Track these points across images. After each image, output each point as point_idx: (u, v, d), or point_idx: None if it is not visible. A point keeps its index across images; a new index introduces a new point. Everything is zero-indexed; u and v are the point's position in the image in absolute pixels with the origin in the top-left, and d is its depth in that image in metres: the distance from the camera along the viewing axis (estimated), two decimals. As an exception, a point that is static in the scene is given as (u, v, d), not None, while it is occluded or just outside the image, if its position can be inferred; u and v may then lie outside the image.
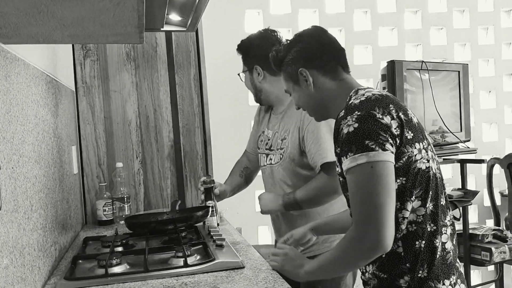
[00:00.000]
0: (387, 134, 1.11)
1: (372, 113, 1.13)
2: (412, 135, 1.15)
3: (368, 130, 1.11)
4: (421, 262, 1.16)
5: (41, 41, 1.12)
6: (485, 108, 3.51)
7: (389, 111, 1.14)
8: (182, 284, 1.33)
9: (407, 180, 1.15)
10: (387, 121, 1.12)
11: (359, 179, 1.12)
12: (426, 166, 1.17)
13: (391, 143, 1.11)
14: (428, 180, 1.17)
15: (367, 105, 1.15)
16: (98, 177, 2.28)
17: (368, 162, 1.09)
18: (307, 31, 1.38)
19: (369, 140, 1.10)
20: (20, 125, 1.25)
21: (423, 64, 2.60)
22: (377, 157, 1.09)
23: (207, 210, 1.83)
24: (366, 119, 1.12)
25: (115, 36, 1.10)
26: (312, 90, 1.33)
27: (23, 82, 1.32)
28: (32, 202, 1.32)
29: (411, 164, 1.14)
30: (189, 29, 1.92)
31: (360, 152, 1.10)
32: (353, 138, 1.12)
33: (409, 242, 1.16)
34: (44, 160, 1.50)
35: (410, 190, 1.15)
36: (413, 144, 1.15)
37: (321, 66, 1.32)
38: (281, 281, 1.31)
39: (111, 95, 2.29)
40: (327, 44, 1.34)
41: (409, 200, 1.15)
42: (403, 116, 1.15)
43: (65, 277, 1.39)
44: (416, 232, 1.16)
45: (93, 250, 1.72)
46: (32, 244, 1.29)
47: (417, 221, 1.16)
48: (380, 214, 1.09)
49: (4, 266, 1.05)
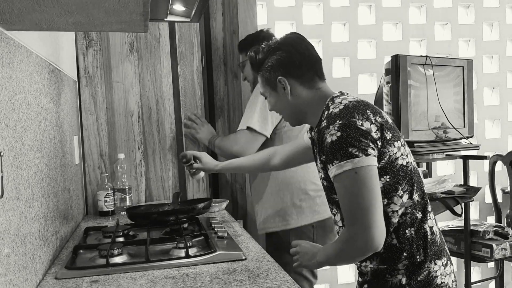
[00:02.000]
0: (368, 140, 1.19)
1: (353, 121, 1.20)
2: (390, 135, 1.24)
3: (350, 138, 1.18)
4: (417, 248, 1.25)
5: (44, 28, 1.11)
6: (488, 105, 3.49)
7: (367, 116, 1.22)
8: (183, 275, 1.32)
9: (391, 177, 1.23)
10: (367, 127, 1.20)
11: (345, 184, 1.20)
12: (406, 162, 1.26)
13: (373, 147, 1.19)
14: (410, 174, 1.26)
15: (347, 113, 1.22)
16: (100, 168, 2.27)
17: (352, 169, 1.17)
18: (288, 40, 1.39)
19: (352, 147, 1.17)
20: (22, 113, 1.24)
21: (427, 59, 2.58)
22: (360, 163, 1.17)
23: (209, 202, 1.83)
24: (347, 128, 1.19)
25: (119, 24, 1.09)
26: (290, 98, 1.37)
27: (26, 69, 1.31)
28: (34, 190, 1.31)
29: (393, 162, 1.23)
30: (193, 20, 1.91)
31: (345, 159, 1.18)
32: (337, 146, 1.19)
33: (401, 232, 1.25)
34: (46, 149, 1.49)
35: (395, 186, 1.23)
36: (392, 143, 1.23)
37: (299, 76, 1.36)
38: (282, 273, 1.31)
39: (114, 86, 2.28)
40: (306, 54, 1.37)
41: (396, 195, 1.23)
42: (380, 119, 1.23)
43: (66, 266, 1.38)
44: (405, 222, 1.25)
45: (94, 240, 1.72)
46: (33, 233, 1.29)
47: (406, 212, 1.25)
48: (366, 217, 1.17)
49: (6, 254, 1.04)
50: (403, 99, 2.46)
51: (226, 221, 1.98)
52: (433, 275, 1.25)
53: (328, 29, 3.17)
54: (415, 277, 1.25)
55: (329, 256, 1.31)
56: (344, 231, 1.24)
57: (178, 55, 2.32)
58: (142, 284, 1.26)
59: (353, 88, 3.16)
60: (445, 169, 3.43)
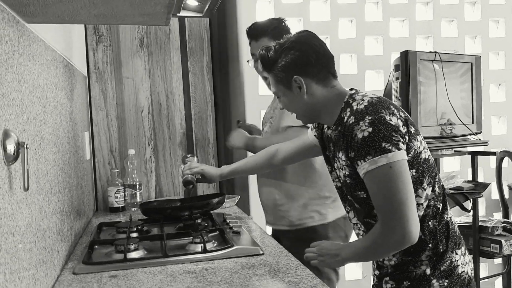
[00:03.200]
0: (398, 134, 1.19)
1: (382, 116, 1.20)
2: (414, 129, 1.24)
3: (382, 132, 1.18)
4: (440, 238, 1.26)
5: (66, 20, 1.10)
6: (495, 101, 3.49)
7: (393, 111, 1.22)
8: (202, 269, 1.32)
9: (417, 171, 1.23)
10: (395, 122, 1.20)
11: (380, 179, 1.19)
12: (428, 155, 1.27)
13: (402, 141, 1.19)
14: (432, 167, 1.27)
15: (374, 109, 1.21)
16: (110, 164, 2.27)
17: (387, 164, 1.17)
18: (301, 38, 1.36)
19: (385, 142, 1.17)
20: (41, 106, 1.24)
21: (436, 55, 2.58)
22: (394, 157, 1.17)
23: (223, 197, 1.82)
24: (378, 123, 1.19)
25: (141, 16, 1.08)
26: (305, 97, 1.35)
27: (44, 63, 1.30)
28: (52, 185, 1.31)
29: (418, 156, 1.23)
30: (205, 15, 1.91)
31: (379, 154, 1.17)
32: (370, 142, 1.18)
33: (425, 224, 1.25)
34: (61, 144, 1.48)
35: (420, 179, 1.23)
36: (416, 138, 1.24)
37: (314, 74, 1.34)
38: (302, 267, 1.30)
39: (124, 82, 2.27)
40: (320, 53, 1.35)
41: (421, 188, 1.24)
42: (403, 115, 1.24)
43: (83, 261, 1.38)
44: (429, 214, 1.25)
45: (107, 236, 1.71)
46: (51, 228, 1.28)
47: (429, 204, 1.25)
48: (404, 210, 1.17)
49: (28, 248, 1.04)
50: (413, 95, 2.45)
51: (239, 217, 1.97)
52: (455, 264, 1.26)
53: (335, 26, 3.16)
54: (439, 267, 1.25)
55: (358, 252, 1.31)
56: (379, 226, 1.22)
57: (188, 51, 2.32)
58: (162, 279, 1.26)
59: (360, 84, 3.15)
60: (451, 165, 3.43)
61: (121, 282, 1.25)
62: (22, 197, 1.00)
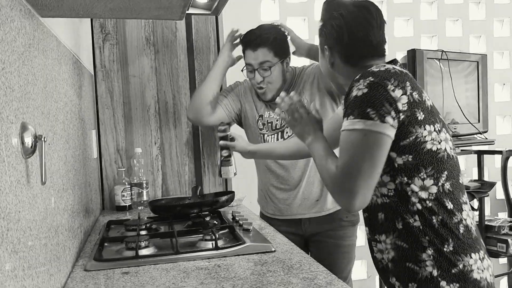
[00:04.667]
0: (391, 107, 1.13)
1: (385, 82, 1.14)
2: (423, 116, 1.17)
3: (374, 98, 1.13)
4: (444, 237, 1.18)
5: (80, 14, 1.10)
6: (499, 101, 3.49)
7: (404, 86, 1.16)
8: (215, 266, 1.31)
9: (414, 158, 1.17)
10: (397, 94, 1.14)
11: (351, 142, 1.16)
12: (438, 148, 1.20)
13: (393, 116, 1.13)
14: (440, 161, 1.20)
15: (383, 74, 1.16)
16: (116, 162, 2.26)
17: (363, 129, 1.13)
18: (350, 15, 1.29)
19: (371, 108, 1.13)
20: (54, 102, 1.23)
21: (443, 53, 2.57)
22: (373, 126, 1.12)
23: (232, 195, 1.81)
24: (376, 87, 1.14)
25: (157, 10, 1.07)
26: (330, 66, 1.35)
27: (56, 58, 1.30)
28: (63, 181, 1.30)
29: (419, 144, 1.17)
30: (213, 12, 1.90)
31: (359, 118, 1.14)
32: (358, 103, 1.15)
33: (426, 217, 1.19)
34: (72, 141, 1.48)
35: (417, 167, 1.18)
36: (423, 125, 1.17)
37: (345, 55, 1.31)
38: (316, 264, 1.29)
39: (130, 80, 2.26)
40: (359, 37, 1.27)
41: (417, 176, 1.18)
42: (417, 96, 1.17)
43: (95, 258, 1.37)
44: (432, 209, 1.19)
45: (117, 234, 1.70)
46: (64, 224, 1.28)
47: (431, 198, 1.19)
48: (357, 181, 1.14)
49: (44, 244, 1.03)
50: (420, 94, 2.45)
51: (247, 215, 1.96)
52: (468, 268, 1.18)
53: (340, 25, 3.16)
54: (448, 269, 1.18)
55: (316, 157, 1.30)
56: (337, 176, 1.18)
57: (195, 50, 2.31)
58: (175, 275, 1.25)
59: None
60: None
61: (134, 278, 1.25)
62: (38, 192, 0.99)
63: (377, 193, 1.23)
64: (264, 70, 1.94)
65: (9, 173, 0.80)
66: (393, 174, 1.19)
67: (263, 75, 1.94)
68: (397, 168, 1.18)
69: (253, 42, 1.94)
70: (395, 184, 1.19)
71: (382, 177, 1.19)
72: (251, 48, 1.95)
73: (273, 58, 1.94)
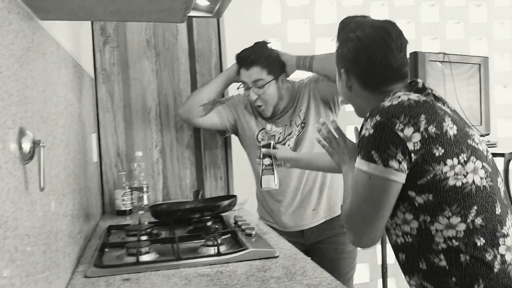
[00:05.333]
0: (398, 149, 1.07)
1: (393, 121, 1.07)
2: (442, 151, 1.08)
3: (379, 140, 1.09)
4: (474, 276, 1.08)
5: (80, 17, 1.08)
6: (501, 103, 3.47)
7: (417, 121, 1.07)
8: (217, 272, 1.29)
9: (435, 196, 1.09)
10: (407, 134, 1.07)
11: (358, 181, 1.15)
12: (463, 182, 1.09)
13: (399, 159, 1.07)
14: (467, 196, 1.09)
15: (393, 112, 1.09)
16: (117, 166, 2.24)
17: (367, 172, 1.11)
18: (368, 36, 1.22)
19: (375, 151, 1.09)
20: (53, 106, 1.21)
21: (445, 56, 2.56)
22: (375, 170, 1.10)
23: (234, 199, 1.79)
24: (382, 128, 1.09)
25: (158, 13, 1.06)
26: (347, 90, 1.29)
27: (56, 62, 1.28)
28: (63, 186, 1.28)
29: (439, 182, 1.08)
30: (215, 15, 1.89)
31: (365, 159, 1.11)
32: (365, 143, 1.12)
33: (453, 256, 1.10)
34: (72, 145, 1.46)
35: (441, 206, 1.09)
36: (442, 161, 1.08)
37: (363, 79, 1.25)
38: (320, 270, 1.27)
39: (131, 83, 2.24)
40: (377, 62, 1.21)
41: (441, 215, 1.09)
42: (433, 130, 1.08)
43: (95, 264, 1.35)
44: (458, 247, 1.09)
45: (117, 239, 1.68)
46: (63, 230, 1.26)
47: (458, 237, 1.09)
48: (364, 225, 1.15)
49: (43, 251, 1.01)
50: (422, 96, 2.43)
51: (250, 219, 1.94)
52: None
53: (341, 27, 3.14)
54: None
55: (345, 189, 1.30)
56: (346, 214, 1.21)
57: (196, 52, 2.29)
58: (177, 282, 1.23)
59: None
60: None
61: (135, 285, 1.23)
62: (37, 198, 0.97)
63: (398, 232, 1.17)
64: (258, 88, 1.96)
65: (6, 179, 0.78)
66: (416, 213, 1.12)
67: (257, 93, 1.97)
68: (418, 207, 1.11)
69: (246, 61, 1.97)
70: (419, 222, 1.12)
71: (405, 215, 1.13)
72: (244, 66, 1.98)
73: (266, 76, 1.95)
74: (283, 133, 2.03)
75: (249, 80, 1.96)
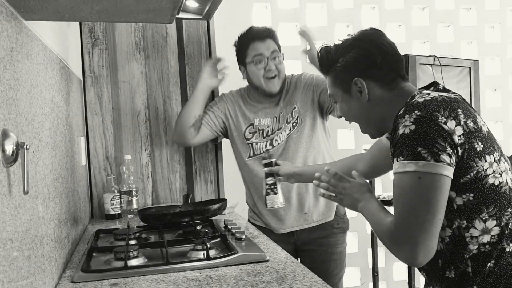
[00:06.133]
0: (446, 143, 1.00)
1: (435, 114, 1.02)
2: (482, 146, 1.04)
3: (425, 134, 1.00)
4: (496, 285, 1.05)
5: (66, 17, 1.06)
6: (491, 107, 3.49)
7: (456, 115, 1.03)
8: (206, 277, 1.27)
9: (476, 196, 1.04)
10: (451, 127, 1.01)
11: (404, 187, 1.04)
12: (500, 181, 1.05)
13: (449, 153, 1.00)
14: (503, 197, 1.05)
15: (431, 105, 1.04)
16: (106, 170, 2.21)
17: (415, 172, 1.01)
18: (366, 35, 1.21)
19: (423, 147, 1.00)
20: (39, 108, 1.19)
21: (435, 59, 2.56)
22: (427, 167, 1.00)
23: (224, 203, 1.78)
24: (425, 122, 1.01)
25: (146, 13, 1.04)
26: (366, 102, 1.21)
27: (42, 63, 1.25)
28: (49, 190, 1.25)
29: (481, 180, 1.04)
30: (205, 17, 1.88)
31: (410, 158, 1.01)
32: (407, 141, 1.02)
33: (480, 262, 1.06)
34: (59, 148, 1.43)
35: (479, 208, 1.04)
36: (483, 157, 1.04)
37: (379, 77, 1.19)
38: (310, 274, 1.26)
39: (120, 86, 2.22)
40: (389, 52, 1.18)
41: (478, 218, 1.05)
42: (472, 125, 1.05)
43: (82, 269, 1.32)
44: (489, 253, 1.05)
45: (105, 243, 1.66)
46: (49, 234, 1.23)
47: (492, 242, 1.05)
48: (417, 233, 1.02)
49: (27, 256, 0.98)
50: (413, 99, 2.43)
51: (240, 223, 1.92)
52: None
53: (331, 31, 3.15)
54: None
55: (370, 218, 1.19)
56: (393, 230, 1.08)
57: (186, 54, 2.27)
58: (165, 287, 1.21)
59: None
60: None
61: (122, 290, 1.20)
62: (21, 202, 0.95)
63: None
64: (274, 59, 1.99)
65: (-12, 183, 0.76)
66: (451, 218, 1.06)
67: (275, 63, 1.99)
68: (456, 210, 1.06)
69: (262, 34, 2.01)
70: (452, 229, 1.07)
71: None
72: (260, 39, 2.00)
73: (278, 50, 2.03)
74: (271, 125, 2.02)
75: (267, 51, 1.99)
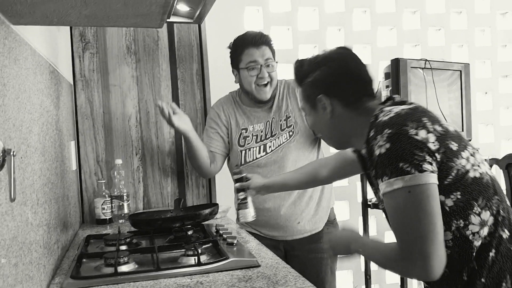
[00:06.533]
0: (424, 152, 1.02)
1: (404, 129, 1.04)
2: (456, 145, 1.07)
3: (401, 150, 1.02)
4: (501, 273, 1.06)
5: (54, 22, 1.05)
6: (482, 110, 3.51)
7: (424, 124, 1.06)
8: (197, 283, 1.26)
9: (463, 193, 1.06)
10: (423, 136, 1.04)
11: (398, 204, 1.05)
12: (480, 173, 1.08)
13: (429, 161, 1.02)
14: (487, 186, 1.08)
15: (397, 121, 1.06)
16: (96, 174, 2.19)
17: (404, 187, 1.02)
18: (335, 55, 1.24)
19: (403, 162, 1.01)
20: (28, 113, 1.18)
21: (426, 62, 2.57)
22: (413, 180, 1.01)
23: (215, 208, 1.77)
24: (397, 138, 1.03)
25: (135, 17, 1.03)
26: (329, 119, 1.24)
27: (30, 68, 1.24)
28: (38, 196, 1.24)
29: (463, 176, 1.06)
30: (196, 21, 1.86)
31: (395, 176, 1.02)
32: (386, 160, 1.04)
33: (483, 254, 1.06)
34: (48, 153, 1.42)
35: (469, 203, 1.06)
36: (459, 155, 1.06)
37: (344, 97, 1.22)
38: (302, 280, 1.25)
39: (111, 90, 2.21)
40: (355, 74, 1.22)
41: (472, 213, 1.06)
42: (440, 129, 1.07)
43: (72, 275, 1.31)
44: (489, 243, 1.06)
45: (96, 249, 1.64)
46: (38, 241, 1.22)
47: (490, 232, 1.06)
48: (424, 245, 1.01)
49: (14, 263, 0.97)
50: (404, 103, 2.44)
51: (231, 228, 1.91)
52: None
53: (323, 34, 3.15)
54: None
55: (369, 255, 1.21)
56: (398, 253, 1.06)
57: (177, 58, 2.27)
58: (156, 293, 1.20)
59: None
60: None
61: (112, 297, 1.19)
62: (8, 209, 0.94)
63: None
64: (268, 67, 1.97)
65: (-27, 190, 0.74)
66: (447, 221, 1.06)
67: (269, 71, 1.97)
68: (449, 212, 1.06)
69: (258, 40, 1.97)
70: (452, 232, 1.07)
71: None
72: (255, 45, 1.97)
73: (272, 57, 2.00)
74: (264, 130, 2.01)
75: (262, 58, 1.96)
